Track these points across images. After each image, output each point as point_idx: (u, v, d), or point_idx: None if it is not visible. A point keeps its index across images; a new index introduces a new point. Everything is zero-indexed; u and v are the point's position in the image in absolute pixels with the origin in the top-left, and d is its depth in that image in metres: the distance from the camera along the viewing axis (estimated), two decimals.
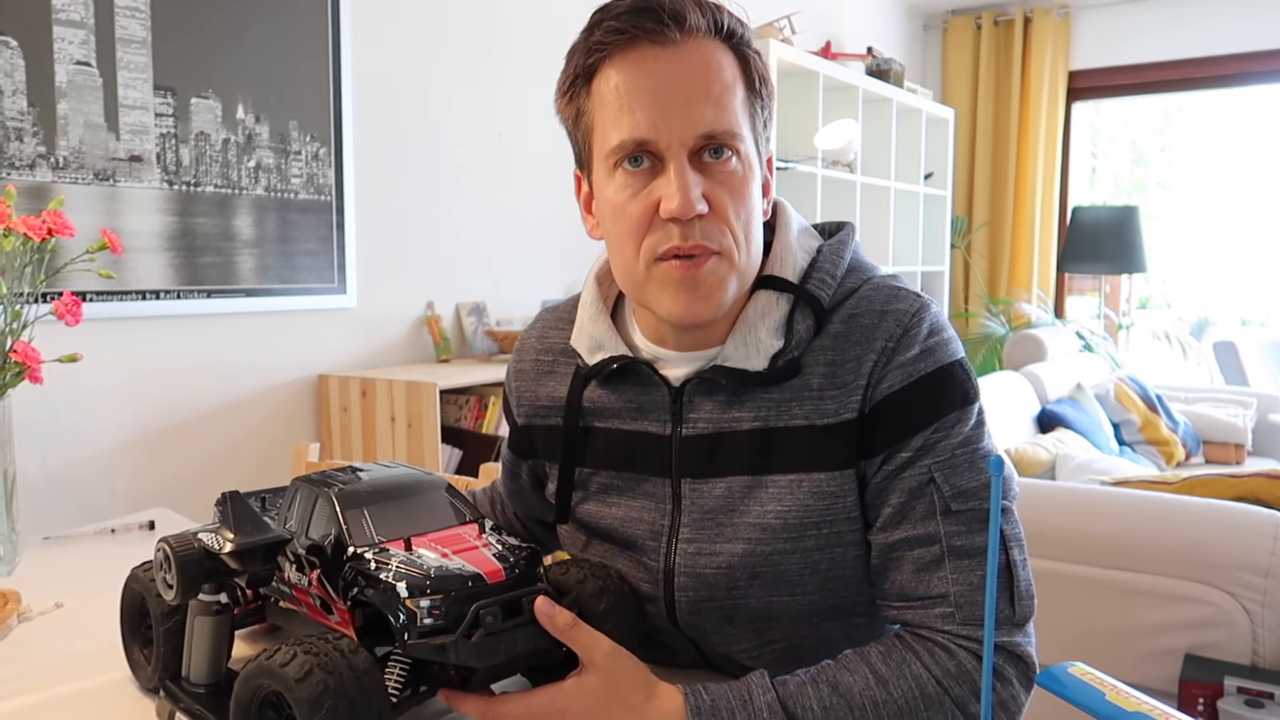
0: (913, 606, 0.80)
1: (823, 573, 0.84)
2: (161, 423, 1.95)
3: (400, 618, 0.68)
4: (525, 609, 0.72)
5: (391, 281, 2.40)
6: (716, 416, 0.86)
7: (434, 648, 0.68)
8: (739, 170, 0.80)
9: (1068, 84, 5.00)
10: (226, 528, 0.77)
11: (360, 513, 0.76)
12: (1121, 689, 0.43)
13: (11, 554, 1.29)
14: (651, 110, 0.78)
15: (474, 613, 0.68)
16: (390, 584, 0.69)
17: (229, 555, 0.75)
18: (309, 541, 0.77)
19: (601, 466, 0.93)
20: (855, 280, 0.87)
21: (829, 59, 3.68)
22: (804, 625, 0.87)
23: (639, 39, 0.78)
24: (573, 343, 0.94)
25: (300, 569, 0.78)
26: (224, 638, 0.81)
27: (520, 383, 1.01)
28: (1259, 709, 1.49)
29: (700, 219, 0.78)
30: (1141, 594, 1.70)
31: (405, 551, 0.72)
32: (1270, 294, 5.41)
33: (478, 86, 2.60)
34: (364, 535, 0.74)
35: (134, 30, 1.82)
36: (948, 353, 0.83)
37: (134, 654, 0.90)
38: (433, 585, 0.68)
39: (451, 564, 0.71)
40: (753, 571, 0.84)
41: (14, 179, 1.66)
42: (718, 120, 0.78)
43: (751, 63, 0.83)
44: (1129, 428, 3.66)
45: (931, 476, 0.80)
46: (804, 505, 0.83)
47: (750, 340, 0.84)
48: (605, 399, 0.92)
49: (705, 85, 0.78)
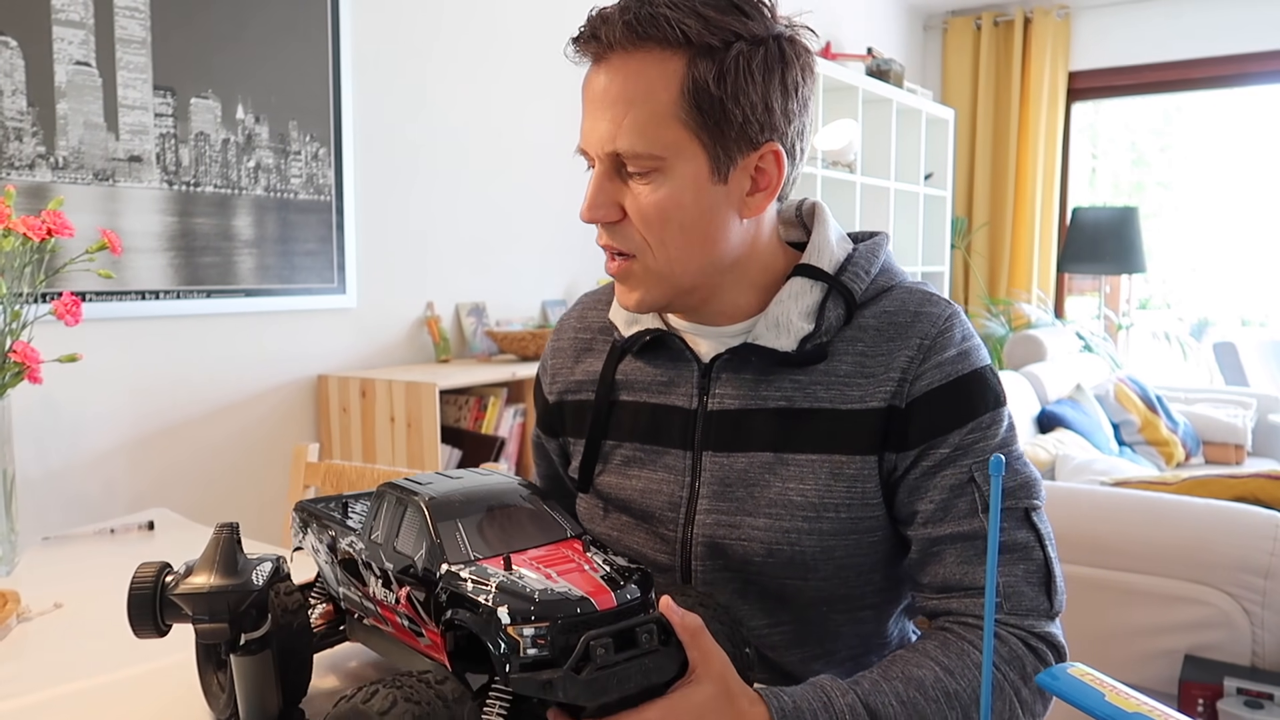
0: (957, 597, 0.84)
1: (837, 560, 0.87)
2: (161, 423, 1.94)
3: (501, 647, 0.61)
4: (640, 640, 0.64)
5: (391, 281, 2.40)
6: (743, 393, 0.90)
7: (540, 683, 0.61)
8: (656, 184, 0.83)
9: (1067, 84, 5.00)
10: (202, 565, 0.71)
11: (454, 525, 0.69)
12: (1121, 690, 0.43)
13: (11, 554, 1.29)
14: (586, 121, 0.85)
15: (584, 644, 0.61)
16: (490, 608, 0.62)
17: (180, 597, 0.69)
18: (398, 555, 0.71)
19: (626, 439, 0.96)
20: (887, 280, 0.92)
21: (829, 59, 3.69)
22: (813, 612, 0.90)
23: (587, 52, 0.84)
24: (610, 316, 1.00)
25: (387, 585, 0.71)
26: (266, 675, 0.75)
27: (556, 360, 1.05)
28: (1259, 710, 1.49)
29: (615, 224, 0.85)
30: (1141, 594, 1.70)
31: (505, 571, 0.65)
32: (1270, 294, 5.41)
33: (478, 86, 2.60)
34: (459, 551, 0.68)
35: (133, 30, 1.82)
36: (980, 357, 0.88)
37: (209, 680, 0.82)
38: (538, 611, 0.61)
39: (557, 587, 0.64)
40: (769, 548, 0.87)
41: (13, 179, 1.66)
42: (612, 139, 0.82)
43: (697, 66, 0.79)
44: (1129, 428, 3.66)
45: (971, 476, 0.84)
46: (825, 486, 0.86)
47: (782, 321, 0.88)
48: (638, 372, 0.97)
49: (613, 102, 0.82)
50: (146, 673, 0.93)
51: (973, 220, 5.17)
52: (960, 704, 0.77)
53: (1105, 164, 5.75)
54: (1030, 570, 0.83)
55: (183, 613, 0.70)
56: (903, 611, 0.97)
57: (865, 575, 0.89)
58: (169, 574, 0.73)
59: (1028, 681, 0.81)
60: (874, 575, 0.90)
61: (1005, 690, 0.80)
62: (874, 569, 0.89)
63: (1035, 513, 0.85)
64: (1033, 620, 0.83)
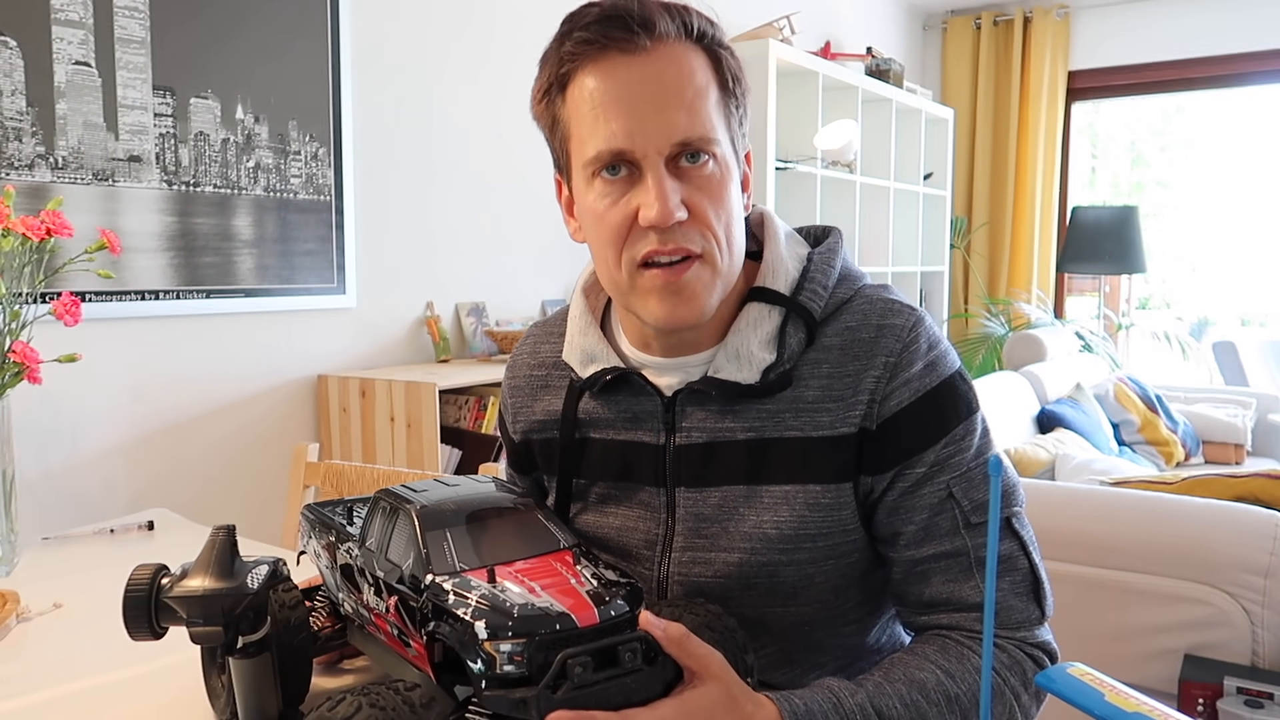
0: (946, 613, 0.83)
1: (817, 585, 0.85)
2: (160, 423, 1.94)
3: (478, 663, 0.60)
4: (623, 658, 0.62)
5: (391, 281, 2.40)
6: (710, 426, 0.86)
7: (512, 702, 0.59)
8: (716, 174, 0.81)
9: (1067, 84, 5.00)
10: (198, 568, 0.70)
11: (442, 535, 0.68)
12: (1121, 689, 0.43)
13: (10, 554, 1.29)
14: (627, 120, 0.78)
15: (560, 662, 0.59)
16: (468, 622, 0.60)
17: (175, 600, 0.69)
18: (389, 564, 0.70)
19: (598, 477, 0.93)
20: (846, 290, 0.88)
21: (828, 59, 3.68)
22: (795, 632, 0.88)
23: (609, 48, 0.78)
24: (564, 357, 0.94)
25: (379, 593, 0.71)
26: (264, 678, 0.74)
27: (515, 399, 1.01)
28: (1259, 709, 1.49)
29: (679, 224, 0.79)
30: (1141, 594, 1.70)
31: (488, 583, 0.64)
32: (1270, 294, 5.41)
33: (477, 86, 2.60)
34: (444, 561, 0.66)
35: (133, 30, 1.82)
36: (948, 365, 0.85)
37: (212, 681, 0.82)
38: (515, 627, 0.60)
39: (539, 601, 0.62)
40: (747, 582, 0.85)
41: (13, 179, 1.66)
42: (692, 126, 0.78)
43: (724, 62, 0.83)
44: (1128, 428, 3.66)
45: (950, 493, 0.82)
46: (800, 517, 0.83)
47: (742, 353, 0.84)
48: (600, 410, 0.93)
49: (678, 91, 0.78)
50: (146, 673, 0.93)
51: (972, 220, 5.17)
52: (960, 708, 0.77)
53: (1105, 164, 5.75)
54: (1016, 581, 0.83)
55: (178, 616, 0.70)
56: (889, 620, 0.96)
57: (844, 594, 0.87)
58: (165, 576, 0.72)
59: (1028, 687, 0.80)
60: (851, 592, 0.88)
61: (1006, 696, 0.79)
62: (850, 586, 0.87)
63: (1016, 519, 0.84)
64: (1025, 631, 0.83)
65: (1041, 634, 0.83)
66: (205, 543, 0.73)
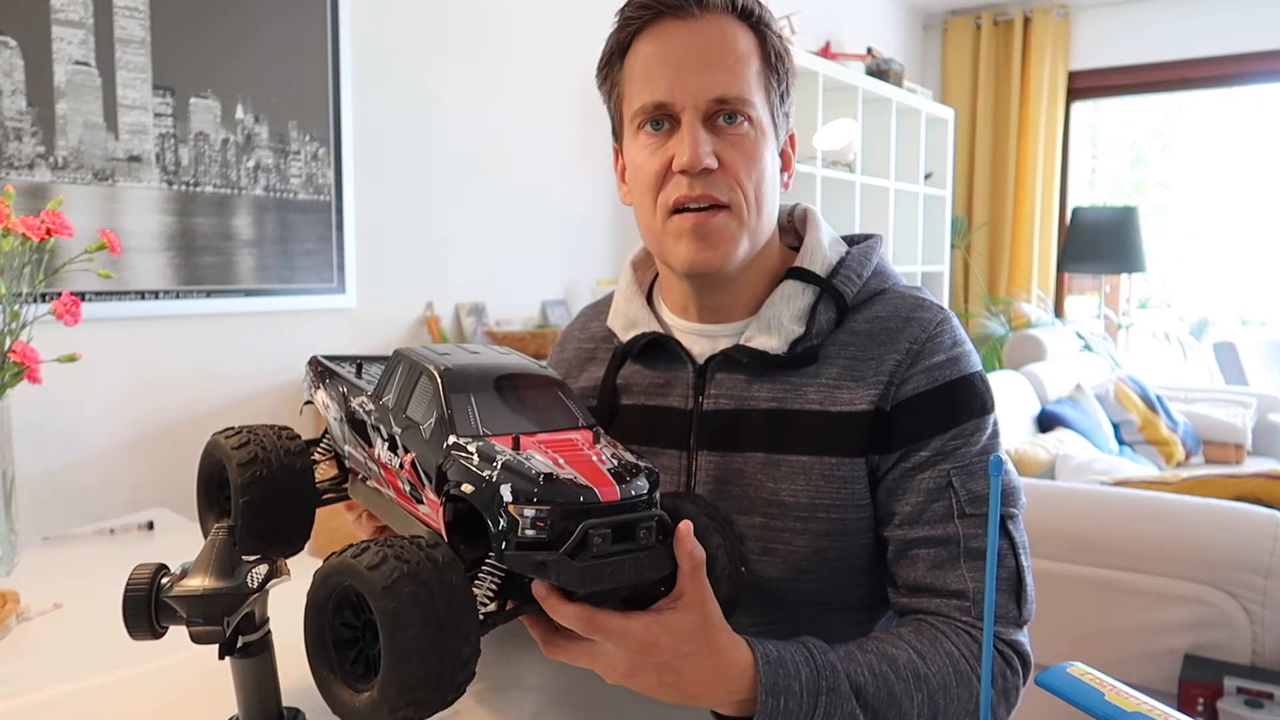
0: (928, 598, 0.85)
1: (829, 562, 0.88)
2: (160, 423, 1.94)
3: (500, 524, 0.61)
4: (638, 535, 0.64)
5: (391, 281, 2.40)
6: (738, 394, 0.91)
7: (534, 563, 0.61)
8: (751, 135, 0.87)
9: (1067, 84, 5.00)
10: (197, 568, 0.71)
11: (466, 399, 0.68)
12: (1121, 689, 0.43)
13: (10, 554, 1.29)
14: (670, 76, 0.85)
15: (582, 531, 0.61)
16: (494, 484, 0.61)
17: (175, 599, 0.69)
18: (407, 421, 0.70)
19: (624, 440, 0.96)
20: (879, 283, 0.94)
21: (828, 59, 3.68)
22: (806, 614, 0.91)
23: (664, 14, 0.86)
24: (609, 323, 1.02)
25: (393, 449, 0.70)
26: (265, 677, 0.74)
27: (562, 370, 1.07)
28: (1259, 709, 1.49)
29: (710, 173, 0.85)
30: (1141, 594, 1.70)
31: (512, 450, 0.64)
32: (1270, 294, 5.41)
33: (477, 86, 2.60)
34: (468, 425, 0.66)
35: (133, 30, 1.82)
36: (970, 363, 0.89)
37: (208, 525, 0.83)
38: (540, 494, 0.61)
39: (563, 473, 0.62)
40: (764, 547, 0.88)
41: (13, 179, 1.66)
42: (729, 86, 0.85)
43: (768, 40, 0.89)
44: (1129, 428, 3.66)
45: (950, 481, 0.85)
46: (816, 487, 0.87)
47: (774, 324, 0.90)
48: (637, 376, 0.98)
49: (720, 55, 0.85)
50: (146, 673, 0.93)
51: (972, 220, 5.17)
52: (928, 687, 0.78)
53: (1105, 163, 5.75)
54: (1001, 577, 0.85)
55: (178, 615, 0.70)
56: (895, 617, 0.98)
57: (857, 578, 0.90)
58: (164, 576, 0.72)
59: (994, 680, 0.82)
60: (865, 578, 0.91)
61: (972, 684, 0.81)
62: (864, 571, 0.90)
63: (1011, 520, 0.86)
64: (1000, 626, 0.84)
65: (1016, 634, 0.85)
66: (205, 542, 0.73)
